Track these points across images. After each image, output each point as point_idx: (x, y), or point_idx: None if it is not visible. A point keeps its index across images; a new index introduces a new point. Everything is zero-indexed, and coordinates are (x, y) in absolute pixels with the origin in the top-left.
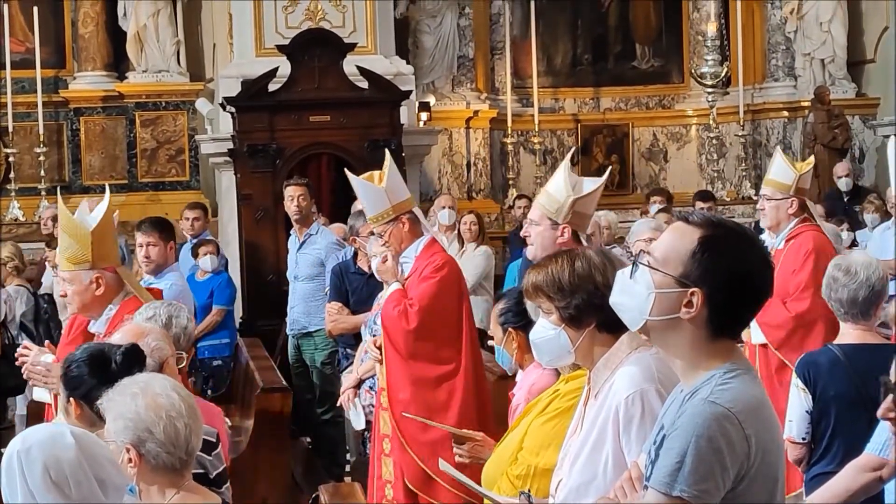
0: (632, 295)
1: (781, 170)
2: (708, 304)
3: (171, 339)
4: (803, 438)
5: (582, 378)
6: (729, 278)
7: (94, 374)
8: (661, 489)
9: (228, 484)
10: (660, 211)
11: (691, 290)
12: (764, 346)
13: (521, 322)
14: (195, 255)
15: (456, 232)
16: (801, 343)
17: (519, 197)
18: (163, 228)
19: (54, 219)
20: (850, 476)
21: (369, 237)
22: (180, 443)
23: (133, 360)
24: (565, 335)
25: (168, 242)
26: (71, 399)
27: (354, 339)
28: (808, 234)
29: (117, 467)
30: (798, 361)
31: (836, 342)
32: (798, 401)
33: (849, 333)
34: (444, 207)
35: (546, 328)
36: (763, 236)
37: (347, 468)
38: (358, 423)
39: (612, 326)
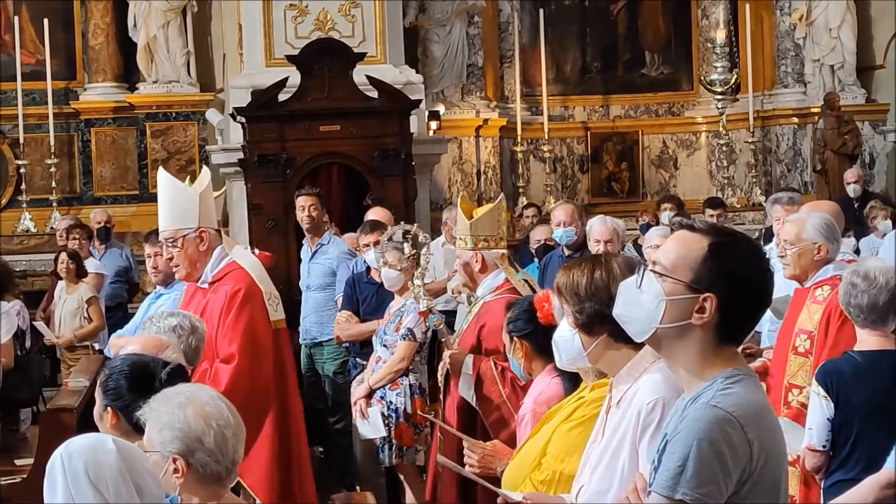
0: (639, 304)
1: None
2: (720, 310)
3: (196, 349)
4: (823, 446)
5: (607, 386)
6: (739, 283)
7: (135, 387)
8: (663, 492)
9: (242, 495)
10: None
11: (704, 295)
12: None
13: (527, 331)
14: None
15: None
16: None
17: (528, 206)
18: None
19: (69, 230)
20: (866, 490)
21: (368, 248)
22: (228, 452)
23: (178, 380)
24: (579, 339)
25: None
26: (108, 408)
27: (361, 347)
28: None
29: (155, 478)
30: (819, 369)
31: (855, 349)
32: (819, 409)
33: (867, 340)
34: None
35: (564, 329)
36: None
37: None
38: (373, 431)
39: (629, 337)
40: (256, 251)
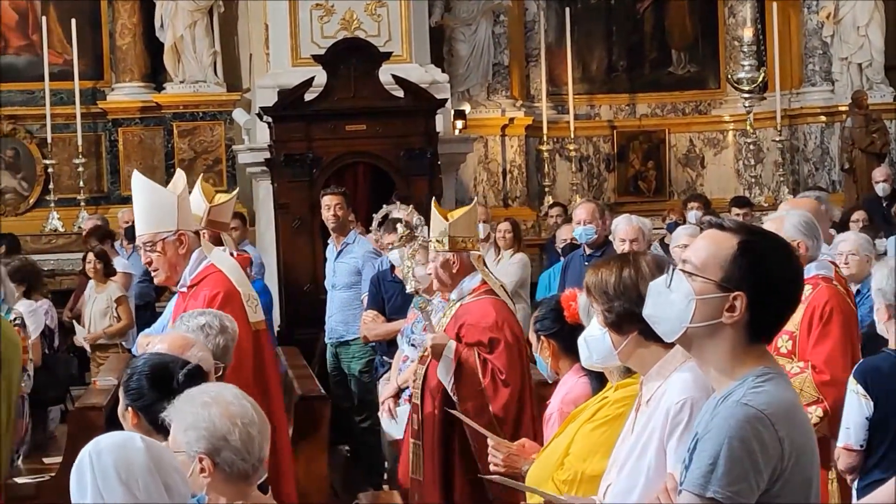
0: (669, 304)
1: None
2: (750, 308)
3: (225, 348)
4: (861, 446)
5: (631, 386)
6: (769, 281)
7: (155, 388)
8: (694, 490)
9: (270, 493)
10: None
11: (734, 293)
12: None
13: (554, 329)
14: None
15: (492, 241)
16: None
17: (553, 205)
18: None
19: (87, 236)
20: (891, 489)
21: (391, 248)
22: (254, 450)
23: (196, 381)
24: (609, 338)
25: None
26: (129, 408)
27: (388, 346)
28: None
29: (183, 476)
30: (857, 367)
31: (892, 347)
32: (858, 407)
33: None
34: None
35: (594, 328)
36: None
37: (385, 476)
38: (398, 431)
39: (658, 336)
40: (235, 253)
